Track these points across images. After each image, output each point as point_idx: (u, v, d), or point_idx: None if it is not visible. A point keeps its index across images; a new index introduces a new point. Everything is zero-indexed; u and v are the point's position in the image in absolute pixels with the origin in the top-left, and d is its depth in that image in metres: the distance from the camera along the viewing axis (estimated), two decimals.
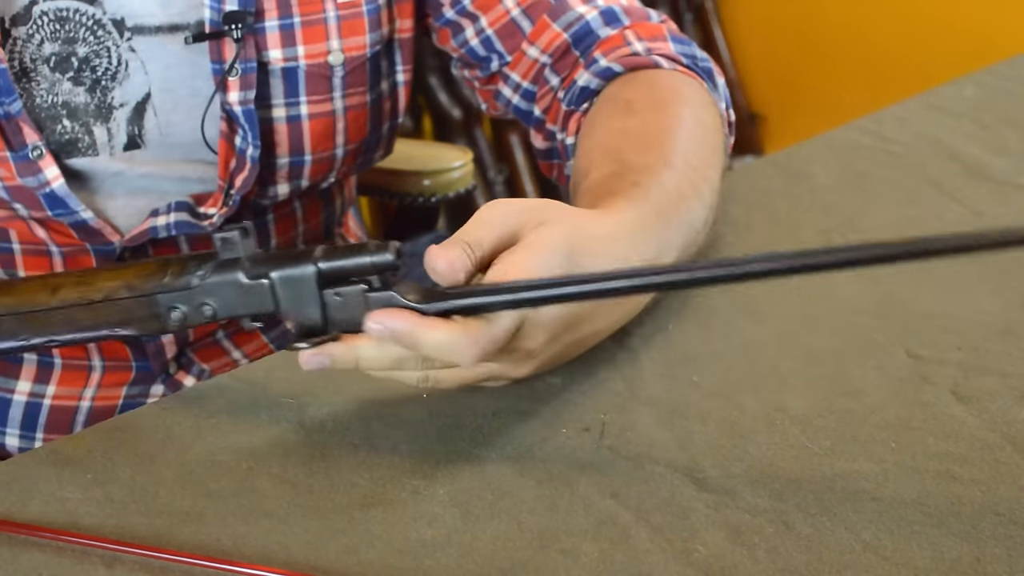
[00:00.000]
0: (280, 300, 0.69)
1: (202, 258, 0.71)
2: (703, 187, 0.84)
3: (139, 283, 0.72)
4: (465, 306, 0.66)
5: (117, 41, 0.92)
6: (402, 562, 0.63)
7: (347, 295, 0.68)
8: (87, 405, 1.01)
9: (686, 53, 0.96)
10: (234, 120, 0.94)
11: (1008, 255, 0.90)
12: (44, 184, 0.92)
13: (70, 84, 0.92)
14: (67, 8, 0.91)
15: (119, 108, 0.94)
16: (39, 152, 0.91)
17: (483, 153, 2.16)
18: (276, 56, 0.94)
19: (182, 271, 0.71)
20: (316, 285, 0.68)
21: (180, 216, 0.95)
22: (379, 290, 0.67)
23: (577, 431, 0.73)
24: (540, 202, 0.73)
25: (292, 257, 0.69)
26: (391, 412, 0.75)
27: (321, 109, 0.97)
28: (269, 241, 1.03)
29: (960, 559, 0.62)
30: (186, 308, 0.71)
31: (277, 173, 0.98)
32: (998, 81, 1.22)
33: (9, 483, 0.70)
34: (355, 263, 0.67)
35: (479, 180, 2.10)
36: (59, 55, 0.92)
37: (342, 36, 0.96)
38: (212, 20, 0.92)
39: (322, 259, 0.68)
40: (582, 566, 0.63)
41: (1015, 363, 0.77)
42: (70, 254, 0.97)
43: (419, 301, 0.67)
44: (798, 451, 0.70)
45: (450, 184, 1.42)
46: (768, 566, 0.62)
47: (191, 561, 0.63)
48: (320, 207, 1.07)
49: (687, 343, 0.81)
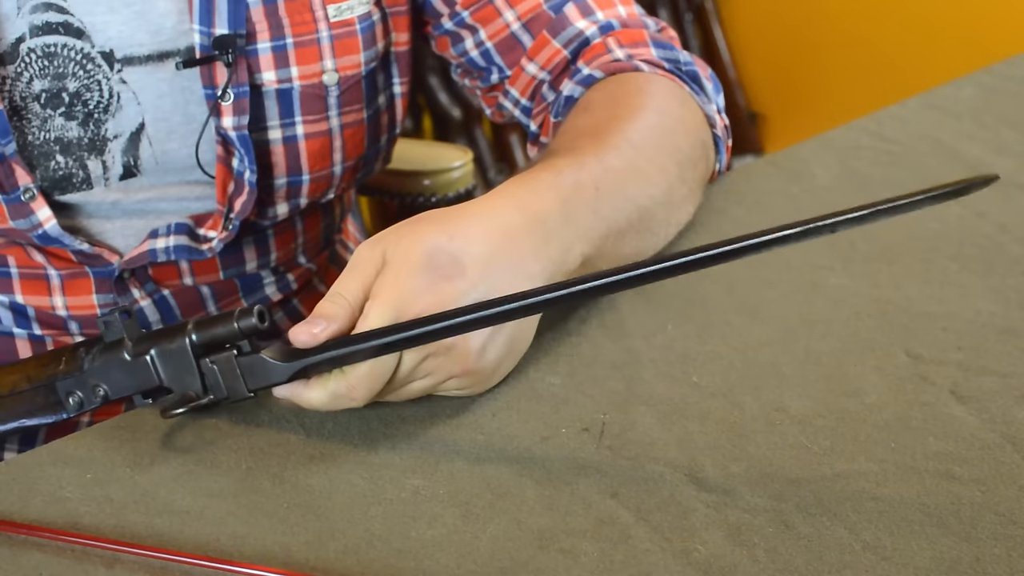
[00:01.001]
0: (162, 374, 0.73)
1: (90, 344, 0.76)
2: (649, 168, 0.84)
3: (36, 373, 0.77)
4: (324, 359, 0.71)
5: (108, 73, 0.91)
6: (402, 562, 0.63)
7: (220, 362, 0.73)
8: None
9: (668, 58, 0.95)
10: (230, 144, 0.93)
11: (1008, 255, 0.90)
12: (36, 226, 0.91)
13: (62, 119, 0.91)
14: (55, 44, 0.90)
15: (113, 140, 0.93)
16: (31, 194, 0.91)
17: (483, 153, 2.16)
18: (270, 78, 0.93)
19: (74, 357, 0.76)
20: (192, 356, 0.73)
21: (180, 239, 0.95)
22: (248, 354, 0.72)
23: (577, 431, 0.73)
24: (405, 222, 0.75)
25: (168, 333, 0.74)
26: (391, 412, 0.75)
27: (317, 128, 0.96)
28: (269, 255, 1.03)
29: (960, 559, 0.62)
30: (81, 393, 0.76)
31: (275, 194, 0.97)
32: (998, 81, 1.22)
33: (9, 483, 0.70)
34: (224, 330, 0.72)
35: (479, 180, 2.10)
36: (49, 91, 0.91)
37: (336, 56, 0.95)
38: (202, 45, 0.90)
39: (194, 331, 0.73)
40: (582, 566, 0.63)
41: (1015, 363, 0.77)
42: (68, 277, 0.97)
43: (282, 360, 0.72)
44: (798, 451, 0.70)
45: (450, 184, 1.42)
46: (768, 566, 0.62)
47: (191, 561, 0.63)
48: (319, 219, 1.07)
49: (687, 343, 0.81)
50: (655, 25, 0.99)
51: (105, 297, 0.97)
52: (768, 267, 0.89)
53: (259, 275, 1.03)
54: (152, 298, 0.98)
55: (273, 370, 0.72)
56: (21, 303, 0.98)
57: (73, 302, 0.97)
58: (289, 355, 0.71)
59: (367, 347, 0.69)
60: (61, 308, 0.97)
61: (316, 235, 1.07)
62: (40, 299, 0.97)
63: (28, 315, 0.98)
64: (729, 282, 0.87)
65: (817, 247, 0.92)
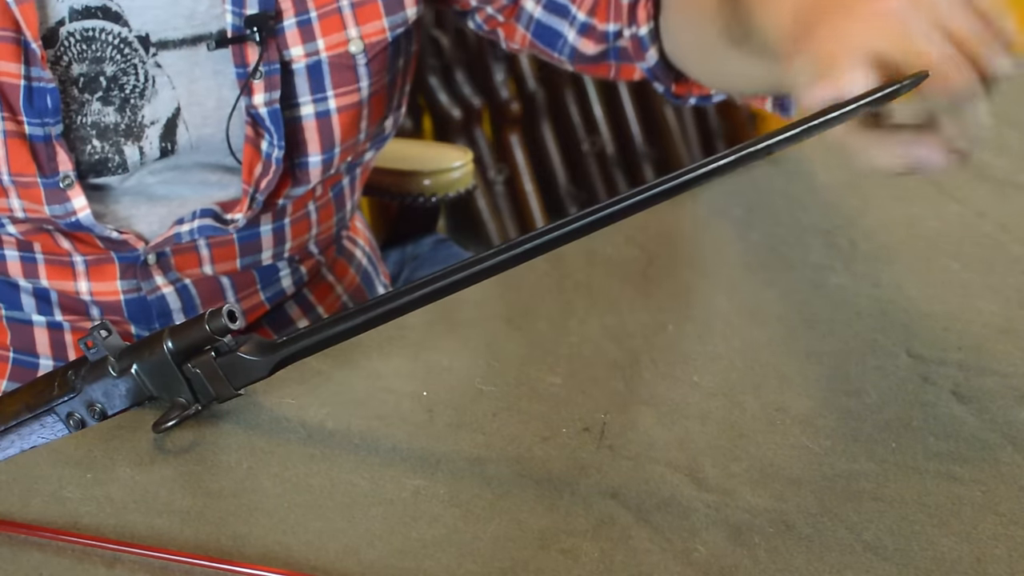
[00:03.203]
0: (150, 385, 0.74)
1: (78, 365, 0.77)
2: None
3: (35, 401, 0.78)
4: (300, 348, 0.72)
5: (143, 58, 0.92)
6: (402, 562, 0.63)
7: (201, 365, 0.73)
8: None
9: None
10: (259, 123, 0.94)
11: (1008, 255, 0.90)
12: (71, 213, 0.92)
13: (99, 104, 0.92)
14: (93, 28, 0.91)
15: (150, 126, 0.93)
16: (69, 181, 0.91)
17: (483, 153, 2.16)
18: (298, 53, 0.94)
19: (65, 380, 0.77)
20: (173, 363, 0.73)
21: (204, 222, 0.96)
22: (226, 354, 0.73)
23: (577, 431, 0.73)
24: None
25: (148, 344, 0.74)
26: (391, 412, 0.75)
27: (349, 100, 0.97)
28: (284, 244, 1.03)
29: (960, 559, 0.62)
30: (80, 414, 0.77)
31: (310, 172, 0.98)
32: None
33: (9, 483, 0.70)
34: (198, 334, 0.73)
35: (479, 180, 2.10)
36: (87, 75, 0.91)
37: (359, 23, 0.96)
38: (234, 25, 0.92)
39: (170, 339, 0.73)
40: (582, 566, 0.63)
41: (1015, 363, 0.77)
42: (94, 263, 0.97)
43: (259, 355, 0.72)
44: (798, 451, 0.70)
45: (450, 184, 1.42)
46: (768, 566, 0.62)
47: (191, 561, 0.63)
48: (333, 211, 1.07)
49: (687, 343, 0.81)
50: None
51: (129, 283, 0.98)
52: (768, 267, 0.89)
53: (275, 266, 1.04)
54: (175, 286, 0.99)
55: (253, 366, 0.73)
56: (45, 287, 0.98)
57: (97, 287, 0.98)
58: (265, 349, 0.72)
59: (344, 329, 0.70)
60: (85, 293, 0.98)
61: (329, 228, 1.08)
62: (65, 284, 0.98)
63: (51, 300, 0.99)
64: (729, 282, 0.87)
65: (817, 247, 0.92)
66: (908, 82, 0.63)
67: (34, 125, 0.90)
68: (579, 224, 0.66)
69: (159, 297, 0.98)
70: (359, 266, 1.15)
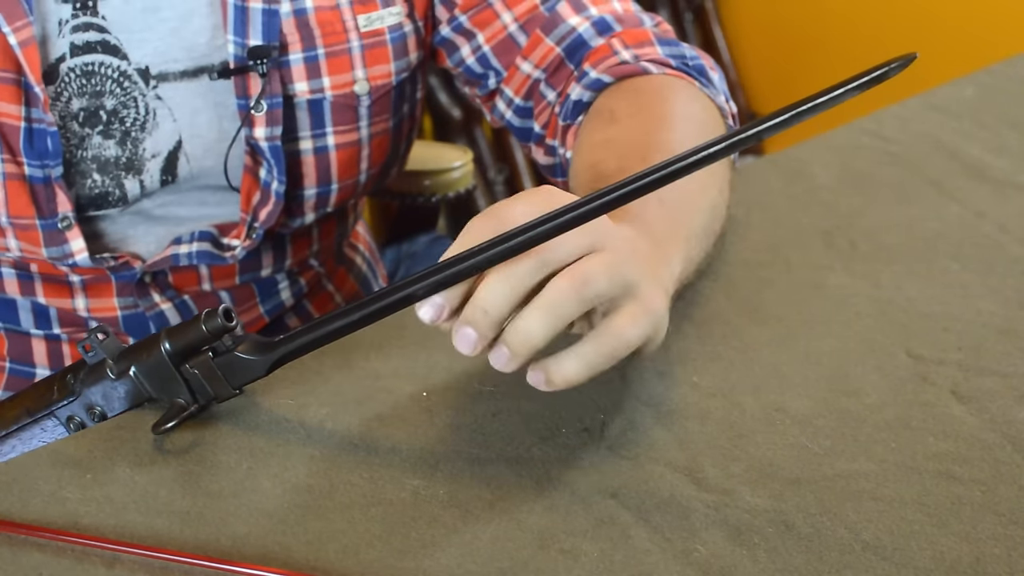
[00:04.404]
0: (148, 386, 0.74)
1: (76, 368, 0.77)
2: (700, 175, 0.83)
3: (35, 406, 0.78)
4: (297, 347, 0.71)
5: (143, 90, 0.92)
6: (401, 562, 0.63)
7: (199, 365, 0.73)
8: None
9: (674, 55, 0.95)
10: (259, 154, 0.94)
11: (1008, 255, 0.90)
12: (68, 255, 0.92)
13: (100, 138, 0.92)
14: (93, 62, 0.91)
15: (151, 159, 0.93)
16: (68, 223, 0.91)
17: (483, 153, 2.16)
18: (302, 89, 0.94)
19: (64, 384, 0.77)
20: (171, 364, 0.73)
21: (202, 246, 0.95)
22: (224, 354, 0.73)
23: (577, 431, 0.73)
24: (521, 194, 0.71)
25: (145, 346, 0.74)
26: (391, 412, 0.75)
27: (348, 139, 0.97)
28: (284, 260, 1.03)
29: (960, 559, 0.62)
30: (80, 417, 0.76)
31: (304, 204, 0.98)
32: (998, 81, 1.22)
33: (9, 483, 0.70)
34: (194, 334, 0.73)
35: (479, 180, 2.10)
36: (87, 109, 0.91)
37: (367, 65, 0.96)
38: (236, 56, 0.91)
39: (167, 340, 0.73)
40: (582, 566, 0.63)
41: (1015, 363, 0.77)
42: (91, 281, 0.97)
43: (256, 354, 0.72)
44: (798, 451, 0.70)
45: (450, 184, 1.42)
46: (768, 566, 0.62)
47: (191, 561, 0.63)
48: (335, 226, 1.08)
49: (686, 343, 0.81)
50: (651, 20, 0.99)
51: (126, 300, 0.98)
52: (768, 267, 0.89)
53: (274, 279, 1.04)
54: (173, 303, 0.99)
55: (250, 365, 0.72)
56: (43, 304, 0.98)
57: (95, 304, 0.98)
58: (263, 348, 0.72)
59: (340, 326, 0.69)
60: (83, 310, 0.98)
61: (330, 243, 1.08)
62: (62, 301, 0.98)
63: (49, 316, 0.99)
64: (729, 282, 0.87)
65: (817, 247, 0.92)
66: (896, 64, 0.63)
67: (34, 167, 0.90)
68: (571, 215, 0.63)
69: (158, 313, 0.99)
70: (359, 273, 1.15)
